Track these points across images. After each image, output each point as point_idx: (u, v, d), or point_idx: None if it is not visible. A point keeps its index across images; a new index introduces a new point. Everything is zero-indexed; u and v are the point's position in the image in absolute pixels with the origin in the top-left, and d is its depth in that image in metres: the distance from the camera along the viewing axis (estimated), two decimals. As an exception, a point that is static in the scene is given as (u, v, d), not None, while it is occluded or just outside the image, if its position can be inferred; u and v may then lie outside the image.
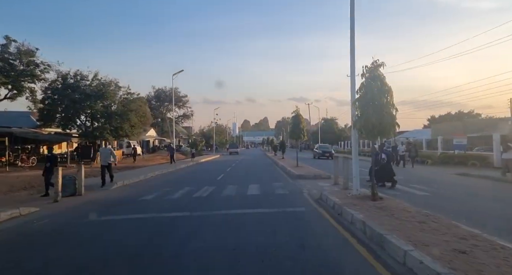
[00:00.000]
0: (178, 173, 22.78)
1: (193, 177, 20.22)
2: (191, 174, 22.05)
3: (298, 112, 22.21)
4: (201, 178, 18.97)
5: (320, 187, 13.36)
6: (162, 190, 13.97)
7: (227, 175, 20.50)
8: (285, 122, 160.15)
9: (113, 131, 33.73)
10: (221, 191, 13.27)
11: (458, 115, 75.65)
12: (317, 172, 18.48)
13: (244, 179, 18.05)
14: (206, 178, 19.10)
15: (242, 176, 19.47)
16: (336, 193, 10.11)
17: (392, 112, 8.04)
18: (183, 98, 67.14)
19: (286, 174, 19.68)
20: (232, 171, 23.23)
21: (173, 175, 21.39)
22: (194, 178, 19.60)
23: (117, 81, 33.89)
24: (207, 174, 21.79)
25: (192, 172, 23.61)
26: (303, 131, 21.95)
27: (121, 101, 34.71)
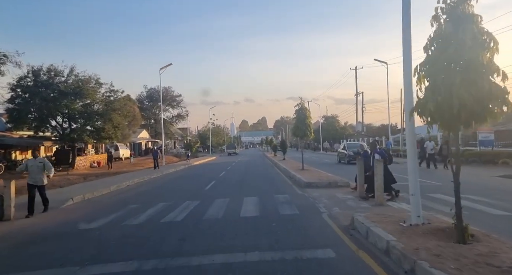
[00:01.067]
0: (161, 181, 19.04)
1: (177, 185, 16.48)
2: (175, 182, 18.31)
3: (303, 106, 18.51)
4: (185, 188, 15.22)
5: (341, 201, 9.66)
6: (126, 209, 10.24)
7: (219, 182, 16.76)
8: (284, 122, 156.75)
9: (94, 133, 29.98)
10: (205, 209, 9.54)
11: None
12: (330, 177, 14.73)
13: (239, 188, 14.33)
14: (192, 187, 15.36)
15: (237, 184, 15.74)
16: (376, 217, 6.38)
17: (498, 82, 4.33)
18: (177, 97, 63.39)
19: (290, 180, 15.95)
20: (226, 177, 19.48)
21: (154, 184, 17.65)
22: (178, 187, 15.86)
23: (98, 78, 30.09)
24: (195, 181, 18.05)
25: (178, 179, 19.85)
26: (309, 128, 18.24)
27: (104, 100, 30.93)
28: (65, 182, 19.38)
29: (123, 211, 9.94)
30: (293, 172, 17.75)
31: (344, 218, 7.34)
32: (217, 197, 11.58)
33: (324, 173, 16.67)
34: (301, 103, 18.56)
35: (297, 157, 37.79)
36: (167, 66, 31.46)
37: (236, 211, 9.02)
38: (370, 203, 9.04)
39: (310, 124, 18.48)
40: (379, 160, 9.12)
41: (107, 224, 8.22)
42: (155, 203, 10.92)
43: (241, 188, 14.15)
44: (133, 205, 10.92)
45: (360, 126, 45.35)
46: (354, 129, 75.21)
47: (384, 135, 57.15)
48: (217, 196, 11.84)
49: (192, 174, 22.74)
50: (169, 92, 61.96)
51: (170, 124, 64.52)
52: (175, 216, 8.79)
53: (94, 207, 11.12)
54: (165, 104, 62.44)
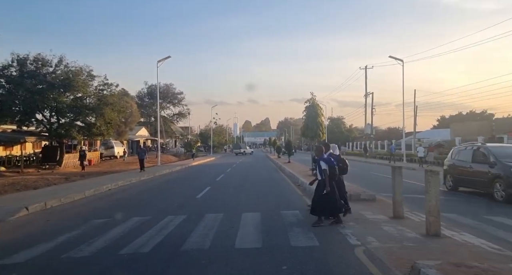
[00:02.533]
0: (149, 184, 16.48)
1: (164, 191, 13.92)
2: (165, 186, 15.74)
3: (314, 102, 15.90)
4: (173, 195, 12.65)
5: (374, 225, 7.07)
6: (86, 226, 7.72)
7: (214, 188, 14.17)
8: (287, 123, 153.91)
9: (85, 129, 27.55)
10: (189, 231, 6.99)
11: (470, 116, 69.46)
12: (349, 186, 12.05)
13: (237, 198, 11.74)
14: (181, 194, 12.79)
15: (235, 192, 13.14)
16: (458, 272, 3.75)
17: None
18: (178, 95, 60.93)
19: (299, 188, 13.35)
20: (223, 182, 16.89)
21: (139, 188, 15.09)
22: (165, 194, 13.28)
23: (90, 69, 27.64)
24: (188, 186, 15.49)
25: (169, 182, 17.26)
26: (321, 127, 15.65)
27: (96, 94, 28.48)
28: (42, 183, 16.91)
29: (80, 229, 7.40)
30: (302, 178, 15.15)
31: (392, 259, 4.76)
32: (209, 211, 9.01)
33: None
34: (312, 100, 15.97)
35: (303, 160, 35.09)
36: (166, 59, 28.95)
37: (231, 237, 6.44)
38: (415, 231, 6.42)
39: (322, 123, 15.91)
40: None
41: (39, 256, 5.62)
42: (128, 218, 8.37)
43: (239, 198, 11.55)
44: (99, 219, 8.38)
45: (369, 129, 42.64)
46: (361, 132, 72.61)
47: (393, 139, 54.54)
48: (208, 209, 9.27)
49: (186, 177, 20.16)
50: (170, 90, 59.55)
51: (170, 123, 62.09)
52: (145, 242, 6.22)
53: (47, 221, 8.57)
54: (166, 101, 60.08)
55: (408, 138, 52.25)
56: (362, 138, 55.06)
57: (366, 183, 14.77)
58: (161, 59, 28.77)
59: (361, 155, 47.65)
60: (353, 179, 15.99)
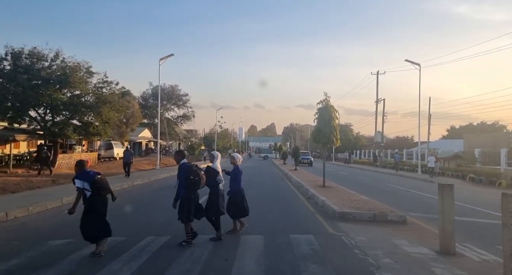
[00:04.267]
0: (136, 192, 14.53)
1: (151, 202, 11.96)
2: (153, 195, 13.80)
3: (328, 103, 13.96)
4: (160, 207, 10.70)
5: (417, 262, 5.11)
6: (37, 251, 5.90)
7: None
8: (293, 129, 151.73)
9: (81, 128, 25.87)
10: (166, 264, 5.12)
11: (481, 127, 67.07)
12: (369, 203, 10.07)
13: None
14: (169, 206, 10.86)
15: None
16: None
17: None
18: (183, 97, 59.30)
19: (310, 203, 11.37)
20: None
21: (124, 196, 13.08)
22: (151, 205, 11.33)
23: (89, 66, 26.00)
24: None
25: (159, 190, 15.27)
26: (335, 133, 13.70)
27: (95, 92, 26.86)
28: (24, 185, 15.24)
29: (26, 255, 5.56)
30: (312, 189, 13.19)
31: None
32: (199, 230, 7.12)
33: (356, 195, 12.02)
34: (325, 101, 14.04)
35: (311, 167, 33.21)
36: (168, 57, 27.26)
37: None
38: (466, 268, 4.46)
39: (337, 127, 13.94)
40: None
41: None
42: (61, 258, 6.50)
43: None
44: (60, 240, 6.56)
45: (379, 137, 40.53)
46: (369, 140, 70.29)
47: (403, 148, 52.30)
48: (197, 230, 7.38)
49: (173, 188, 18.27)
50: (175, 91, 57.97)
51: (174, 125, 60.43)
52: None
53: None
54: (170, 103, 58.55)
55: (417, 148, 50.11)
56: (371, 146, 52.91)
57: (386, 197, 12.79)
58: (163, 57, 27.10)
59: (370, 163, 45.55)
60: (369, 192, 14.03)
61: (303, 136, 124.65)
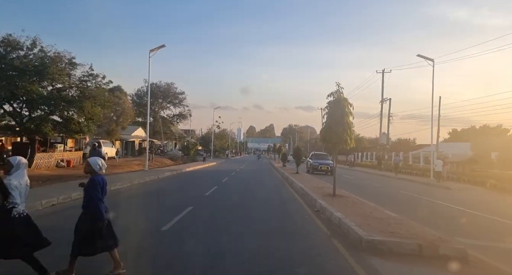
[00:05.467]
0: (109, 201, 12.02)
1: (122, 216, 9.35)
2: (126, 204, 11.21)
3: (341, 96, 11.46)
4: (130, 223, 8.12)
5: None
6: None
7: (194, 213, 9.65)
8: (292, 130, 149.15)
9: (62, 125, 23.34)
10: None
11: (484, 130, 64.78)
12: (402, 223, 7.51)
13: (225, 236, 7.15)
14: (141, 223, 8.25)
15: (224, 225, 8.55)
16: None
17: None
18: (179, 95, 56.65)
19: (318, 216, 8.83)
20: (211, 200, 12.40)
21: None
22: (120, 219, 8.74)
23: (72, 57, 23.45)
24: (158, 205, 10.94)
25: (137, 197, 12.66)
26: (349, 131, 11.20)
27: (79, 85, 24.36)
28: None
29: None
30: (321, 199, 10.66)
31: None
32: (168, 271, 4.61)
33: (378, 208, 9.47)
34: (337, 93, 11.53)
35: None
36: (159, 48, 24.72)
37: None
38: None
39: (351, 125, 11.44)
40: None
41: None
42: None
43: (230, 236, 7.03)
44: None
45: (384, 139, 38.04)
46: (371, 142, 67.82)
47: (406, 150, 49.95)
48: (168, 267, 4.85)
49: (168, 189, 15.71)
50: (171, 89, 55.36)
51: (170, 124, 57.83)
52: None
53: None
54: (166, 101, 55.98)
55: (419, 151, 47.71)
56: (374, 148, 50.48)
57: (414, 212, 10.33)
58: (154, 49, 24.55)
59: (373, 166, 43.23)
60: (389, 203, 11.52)
61: (302, 137, 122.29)
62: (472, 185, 21.37)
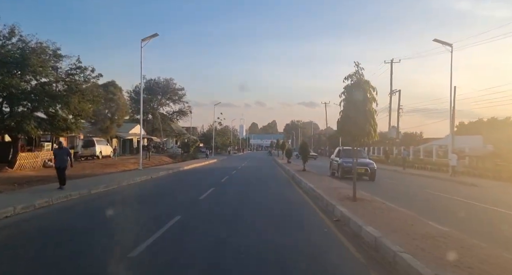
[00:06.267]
0: (78, 209, 9.89)
1: (90, 231, 7.11)
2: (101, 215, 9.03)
3: (361, 78, 9.26)
4: (97, 244, 5.99)
5: None
6: None
7: (184, 223, 7.53)
8: (294, 126, 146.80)
9: (47, 122, 21.30)
10: None
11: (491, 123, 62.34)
12: (464, 245, 5.34)
13: (220, 259, 5.02)
14: (111, 244, 6.12)
15: (218, 240, 6.39)
16: None
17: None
18: (179, 91, 54.50)
19: (342, 233, 6.67)
20: (205, 206, 10.28)
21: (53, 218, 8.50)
22: (84, 237, 6.58)
23: (57, 48, 21.38)
24: (140, 215, 8.79)
25: (116, 204, 10.57)
26: (372, 121, 9.01)
27: (65, 79, 22.32)
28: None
29: None
30: (340, 206, 8.49)
31: None
32: None
33: (419, 219, 7.21)
34: (357, 75, 9.34)
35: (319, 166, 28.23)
36: (152, 37, 22.53)
37: None
38: None
39: (374, 114, 9.25)
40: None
41: None
42: None
43: (225, 260, 4.90)
44: None
45: (394, 132, 35.79)
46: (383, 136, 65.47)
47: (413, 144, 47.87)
48: None
49: (157, 192, 13.57)
50: (170, 85, 53.22)
51: (170, 121, 55.74)
52: None
53: None
54: (165, 97, 53.88)
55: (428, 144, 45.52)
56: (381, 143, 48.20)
57: (454, 219, 8.15)
58: (146, 38, 22.36)
59: (381, 161, 41.23)
60: (422, 207, 9.37)
61: (305, 133, 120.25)
62: (498, 181, 19.16)
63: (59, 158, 11.55)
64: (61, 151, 11.75)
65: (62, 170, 11.35)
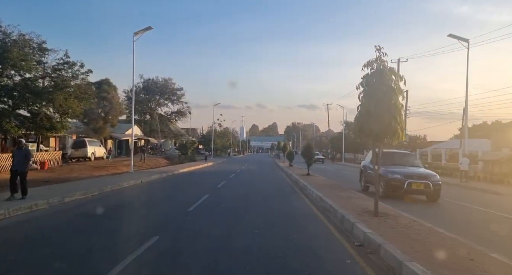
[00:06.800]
0: (34, 226, 8.07)
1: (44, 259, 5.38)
2: (64, 233, 7.26)
3: (385, 65, 7.50)
4: None
5: None
6: None
7: (162, 248, 5.77)
8: (295, 128, 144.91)
9: (30, 120, 19.60)
10: None
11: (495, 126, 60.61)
12: None
13: None
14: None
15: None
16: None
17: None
18: (177, 91, 52.72)
19: (372, 267, 4.88)
20: (193, 221, 8.49)
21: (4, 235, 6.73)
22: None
23: (42, 41, 19.72)
24: (112, 232, 7.01)
25: (82, 219, 8.76)
26: (398, 117, 7.21)
27: (52, 75, 20.67)
28: None
29: None
30: (361, 223, 6.68)
31: None
32: None
33: (465, 243, 5.50)
34: (378, 61, 7.56)
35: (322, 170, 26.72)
36: (145, 31, 20.72)
37: None
38: None
39: (401, 108, 7.46)
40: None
41: None
42: None
43: None
44: None
45: (400, 134, 33.85)
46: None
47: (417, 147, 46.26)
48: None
49: (130, 204, 11.80)
50: (168, 85, 51.46)
51: (168, 121, 53.94)
52: None
53: None
54: (163, 97, 52.15)
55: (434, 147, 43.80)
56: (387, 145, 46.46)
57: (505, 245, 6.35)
58: (138, 31, 20.57)
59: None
60: (458, 224, 7.56)
61: (306, 135, 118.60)
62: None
63: (16, 160, 9.55)
64: (19, 151, 9.76)
65: (21, 175, 9.37)
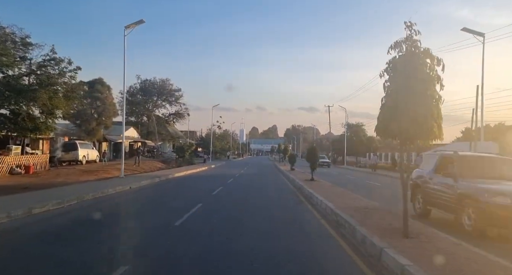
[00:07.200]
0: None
1: None
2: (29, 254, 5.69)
3: (418, 46, 5.94)
4: None
5: None
6: None
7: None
8: (295, 131, 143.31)
9: (11, 120, 18.04)
10: None
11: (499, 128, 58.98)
12: None
13: None
14: None
15: None
16: None
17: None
18: (175, 92, 51.19)
19: None
20: (182, 238, 6.90)
21: None
22: None
23: (26, 35, 18.20)
24: (78, 257, 5.42)
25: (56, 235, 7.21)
26: (436, 113, 5.62)
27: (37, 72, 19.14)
28: None
29: None
30: (391, 250, 5.08)
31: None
32: None
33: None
34: (409, 41, 5.99)
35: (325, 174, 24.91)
36: (137, 25, 19.20)
37: None
38: None
39: (440, 102, 5.87)
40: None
41: None
42: None
43: None
44: None
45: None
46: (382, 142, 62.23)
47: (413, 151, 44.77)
48: None
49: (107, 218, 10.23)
50: (166, 86, 49.94)
51: (166, 123, 52.37)
52: None
53: None
54: (161, 99, 50.61)
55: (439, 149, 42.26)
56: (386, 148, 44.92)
57: None
58: (130, 25, 19.04)
59: (389, 169, 37.95)
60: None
61: (306, 138, 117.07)
62: None
63: None
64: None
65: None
